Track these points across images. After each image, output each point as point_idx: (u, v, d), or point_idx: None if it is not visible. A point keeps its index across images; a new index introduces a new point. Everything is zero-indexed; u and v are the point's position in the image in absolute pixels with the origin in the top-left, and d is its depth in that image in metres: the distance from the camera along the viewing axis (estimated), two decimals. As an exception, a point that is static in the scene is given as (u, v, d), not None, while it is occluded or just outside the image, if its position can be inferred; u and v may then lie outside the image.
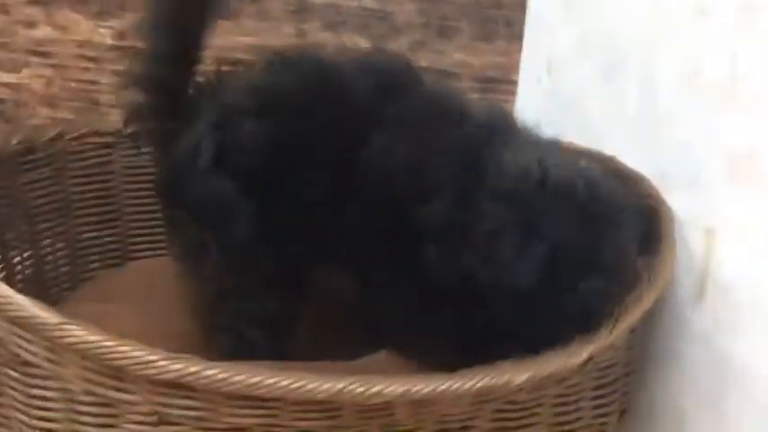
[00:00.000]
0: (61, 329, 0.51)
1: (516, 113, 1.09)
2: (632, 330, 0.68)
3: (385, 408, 0.55)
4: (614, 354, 0.67)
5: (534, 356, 0.56)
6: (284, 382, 0.51)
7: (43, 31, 0.97)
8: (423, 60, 1.06)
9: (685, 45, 0.75)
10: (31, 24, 0.96)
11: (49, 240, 0.82)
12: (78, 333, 0.51)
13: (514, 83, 1.12)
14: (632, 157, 0.83)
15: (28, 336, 0.53)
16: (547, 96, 1.04)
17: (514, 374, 0.55)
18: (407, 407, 0.56)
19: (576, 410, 0.65)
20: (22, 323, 0.52)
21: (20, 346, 0.54)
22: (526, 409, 0.62)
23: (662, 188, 0.78)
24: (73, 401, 0.55)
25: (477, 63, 1.11)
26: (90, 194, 0.86)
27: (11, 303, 0.52)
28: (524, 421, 0.62)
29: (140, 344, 0.51)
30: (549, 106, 1.03)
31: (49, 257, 0.82)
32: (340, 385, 0.52)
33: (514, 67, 1.12)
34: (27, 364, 0.55)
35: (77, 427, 0.55)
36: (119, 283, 0.80)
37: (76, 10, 0.97)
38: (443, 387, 0.53)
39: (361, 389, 0.52)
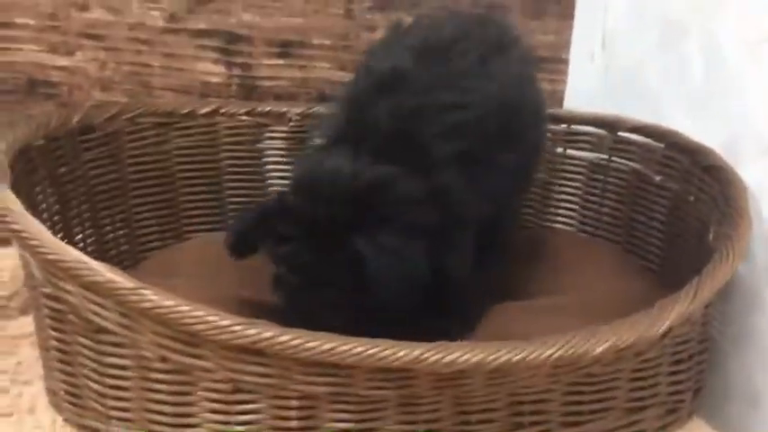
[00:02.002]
0: (137, 294, 0.50)
1: (568, 92, 1.08)
2: (707, 306, 0.66)
3: (460, 377, 0.54)
4: (690, 328, 0.65)
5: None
6: (359, 349, 0.50)
7: (96, 14, 0.97)
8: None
9: (754, 8, 0.73)
10: (83, 7, 0.96)
11: (108, 219, 0.82)
12: (153, 298, 0.50)
13: (565, 62, 1.09)
14: (697, 129, 0.81)
15: (103, 301, 0.53)
16: (602, 73, 1.02)
17: (594, 344, 0.53)
18: (483, 377, 0.54)
19: (651, 386, 0.63)
20: (98, 288, 0.52)
21: (94, 313, 0.54)
22: (602, 383, 0.60)
23: (732, 159, 0.75)
24: (147, 369, 0.54)
25: (527, 41, 1.08)
26: (147, 174, 0.86)
27: (86, 269, 0.51)
28: (600, 395, 0.60)
29: (214, 309, 0.50)
30: (605, 83, 1.01)
31: (110, 236, 0.82)
32: (417, 352, 0.51)
33: (565, 45, 1.09)
34: (101, 330, 0.55)
35: (151, 395, 0.55)
36: (178, 258, 0.79)
37: (129, -9, 0.97)
38: (521, 356, 0.52)
39: (438, 356, 0.51)
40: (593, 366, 0.58)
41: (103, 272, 0.51)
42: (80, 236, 0.78)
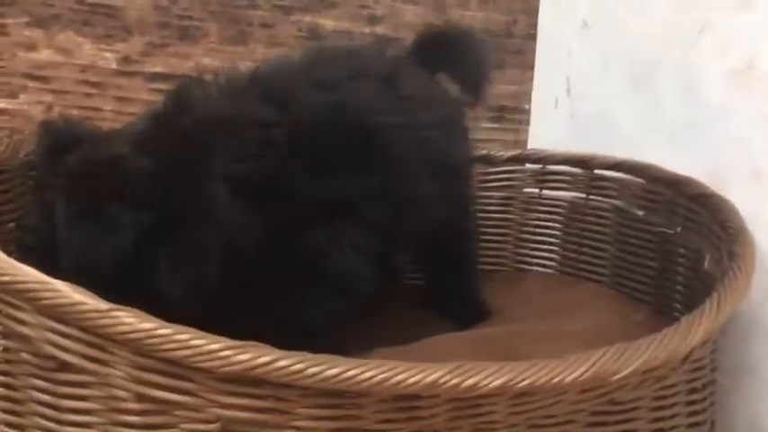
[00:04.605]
0: (109, 317, 0.43)
1: (531, 141, 1.08)
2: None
3: (480, 404, 0.48)
4: (705, 353, 0.61)
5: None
6: (369, 374, 0.44)
7: (44, 54, 0.91)
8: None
9: (736, 37, 0.73)
10: (30, 47, 0.90)
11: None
12: (129, 320, 0.43)
13: (526, 111, 1.10)
14: (677, 163, 0.80)
15: (66, 330, 0.45)
16: (567, 118, 1.02)
17: (626, 361, 0.48)
18: (505, 404, 0.49)
19: (671, 417, 0.58)
20: (61, 313, 0.44)
21: (55, 345, 0.46)
22: (624, 412, 0.55)
23: (718, 187, 0.74)
24: (118, 411, 0.46)
25: (489, 92, 1.09)
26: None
27: (47, 290, 0.44)
28: (622, 427, 0.55)
29: (201, 332, 0.43)
30: (572, 127, 1.01)
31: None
32: (434, 376, 0.45)
33: (526, 95, 1.10)
34: (62, 368, 0.46)
35: (121, 442, 0.46)
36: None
37: (80, 32, 0.92)
38: (548, 376, 0.46)
39: (458, 379, 0.45)
40: (618, 392, 0.53)
41: (69, 293, 0.44)
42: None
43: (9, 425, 0.50)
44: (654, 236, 0.81)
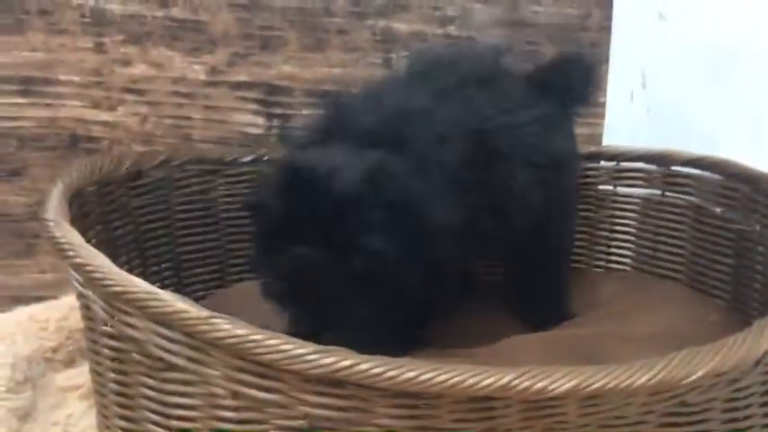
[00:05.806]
0: (208, 324, 0.48)
1: (607, 135, 1.08)
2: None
3: (551, 406, 0.50)
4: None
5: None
6: (442, 377, 0.47)
7: (139, 69, 0.98)
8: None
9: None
10: (126, 62, 0.97)
11: (156, 267, 0.81)
12: (225, 327, 0.48)
13: (601, 104, 1.09)
14: (757, 157, 0.79)
15: (172, 335, 0.50)
16: (643, 111, 1.01)
17: (693, 367, 0.49)
18: (576, 406, 0.51)
19: (746, 418, 0.59)
20: (167, 320, 0.49)
21: (162, 348, 0.51)
22: (696, 413, 0.56)
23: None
24: (217, 407, 0.51)
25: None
26: (193, 221, 0.85)
27: (155, 300, 0.49)
28: (693, 428, 0.56)
29: (290, 338, 0.48)
30: (648, 120, 1.00)
31: (157, 283, 0.79)
32: (506, 379, 0.47)
33: (601, 88, 1.09)
34: (167, 368, 0.52)
35: (219, 435, 0.51)
36: (226, 304, 0.77)
37: (171, 47, 0.98)
38: (617, 381, 0.48)
39: (528, 383, 0.47)
40: (689, 394, 0.54)
41: (173, 302, 0.49)
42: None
43: (122, 417, 0.56)
44: (731, 233, 0.80)
